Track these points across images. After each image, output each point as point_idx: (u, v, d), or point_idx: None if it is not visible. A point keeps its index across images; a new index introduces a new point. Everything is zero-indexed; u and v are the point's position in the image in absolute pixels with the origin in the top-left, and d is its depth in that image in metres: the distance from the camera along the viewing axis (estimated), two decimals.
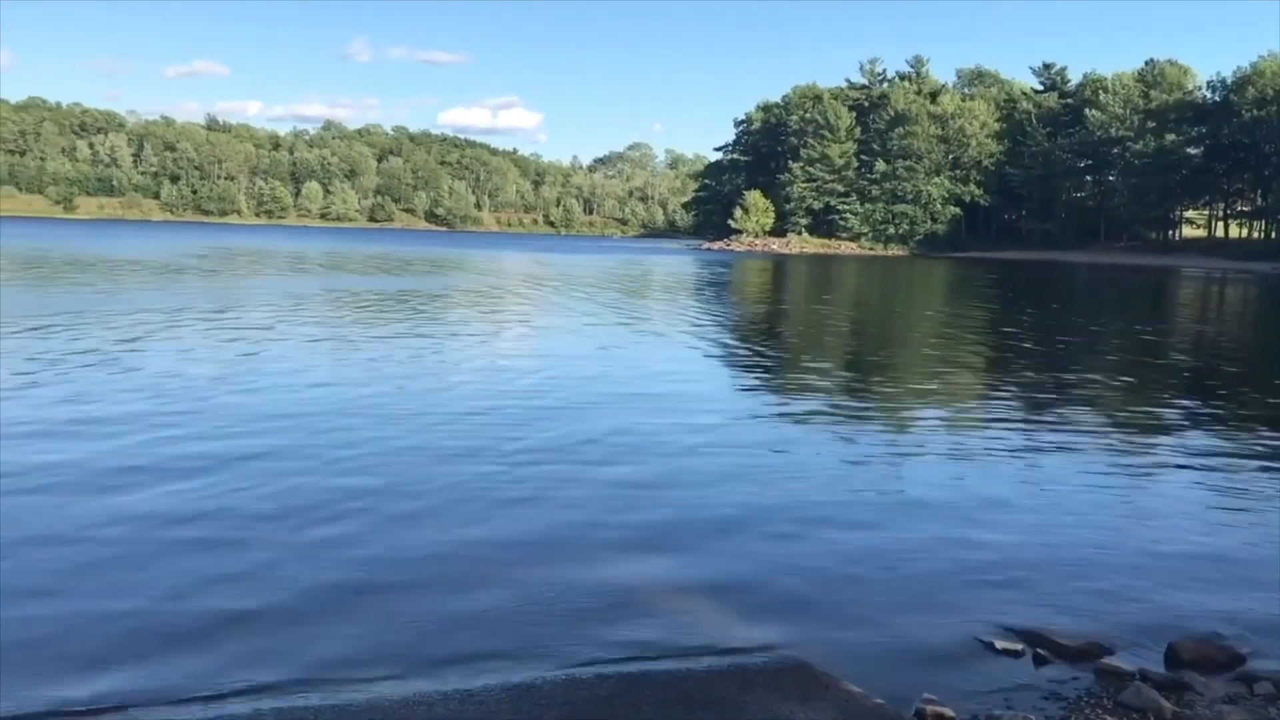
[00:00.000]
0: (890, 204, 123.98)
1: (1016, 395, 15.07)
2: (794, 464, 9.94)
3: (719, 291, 41.75)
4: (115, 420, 10.74)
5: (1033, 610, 6.21)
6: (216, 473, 8.71)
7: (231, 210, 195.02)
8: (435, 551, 6.93)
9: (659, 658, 5.40)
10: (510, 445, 10.15)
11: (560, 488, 8.64)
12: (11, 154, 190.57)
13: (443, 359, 16.81)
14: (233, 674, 5.08)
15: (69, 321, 19.93)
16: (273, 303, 26.77)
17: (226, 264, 48.03)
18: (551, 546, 7.10)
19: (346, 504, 7.95)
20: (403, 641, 5.51)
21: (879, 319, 32.24)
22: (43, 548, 6.76)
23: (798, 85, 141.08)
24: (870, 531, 7.75)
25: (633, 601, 6.16)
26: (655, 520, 7.85)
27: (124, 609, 5.82)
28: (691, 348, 19.97)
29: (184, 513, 7.59)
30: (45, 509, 7.60)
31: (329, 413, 11.60)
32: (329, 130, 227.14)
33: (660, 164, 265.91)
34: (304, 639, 5.52)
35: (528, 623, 5.79)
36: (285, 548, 6.91)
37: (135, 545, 6.88)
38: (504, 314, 26.33)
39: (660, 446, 10.34)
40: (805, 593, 6.43)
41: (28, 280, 32.91)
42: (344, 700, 4.84)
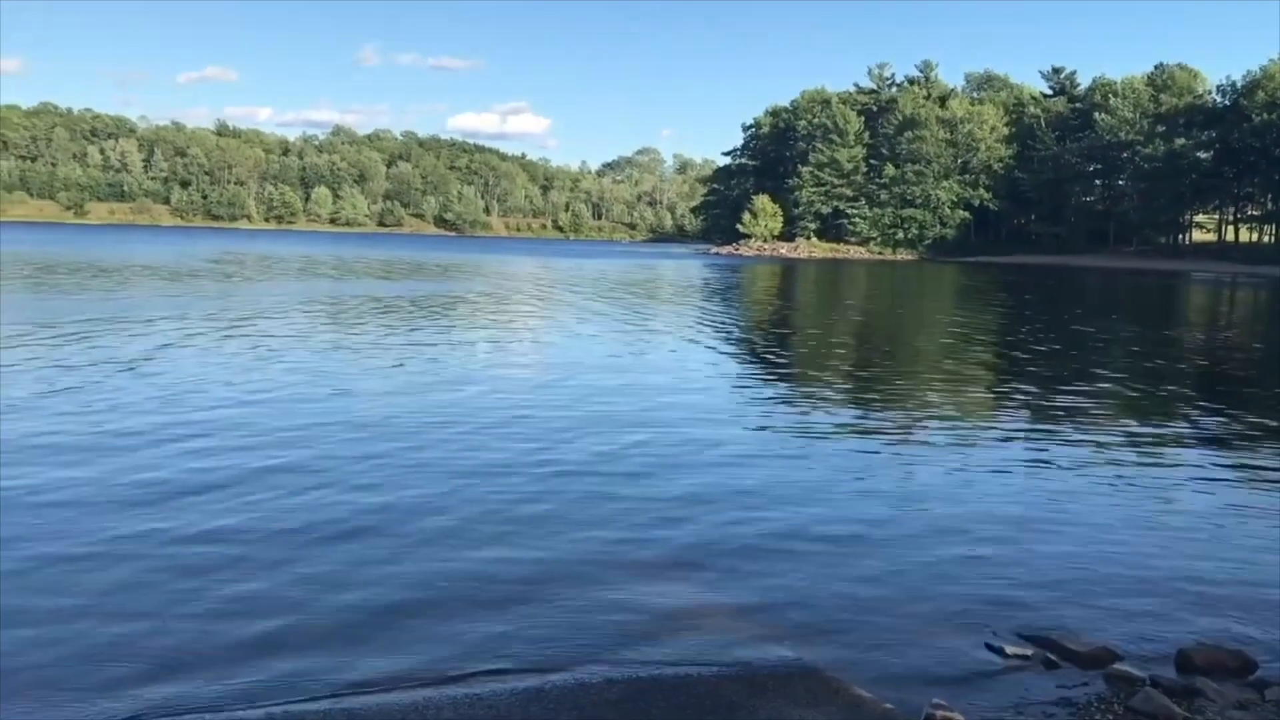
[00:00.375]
0: (899, 208, 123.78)
1: (1027, 403, 15.05)
2: (804, 473, 9.95)
3: (729, 297, 41.72)
4: (138, 433, 10.81)
5: (1042, 616, 6.21)
6: (235, 487, 8.75)
7: (241, 215, 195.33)
8: (447, 563, 6.94)
9: (669, 665, 5.41)
10: (527, 458, 10.17)
11: (573, 500, 8.67)
12: (23, 159, 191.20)
13: (460, 369, 16.83)
14: (242, 680, 5.11)
15: (93, 329, 20.03)
16: (289, 309, 26.84)
17: (240, 270, 48.13)
18: (560, 559, 7.10)
19: (363, 517, 7.99)
20: (413, 649, 5.54)
21: (889, 325, 32.19)
22: (62, 563, 6.81)
23: (806, 90, 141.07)
24: (880, 540, 7.76)
25: (643, 610, 6.18)
26: (665, 532, 7.86)
27: (141, 621, 5.87)
28: (703, 356, 19.96)
29: (202, 527, 7.64)
30: (67, 524, 7.66)
31: (346, 425, 11.62)
32: (339, 135, 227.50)
33: (669, 169, 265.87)
34: (314, 646, 5.55)
35: (539, 632, 5.81)
36: (301, 560, 6.94)
37: (154, 560, 6.92)
38: (516, 322, 26.31)
39: (672, 460, 10.33)
40: (815, 600, 6.43)
41: (47, 286, 33.05)
42: (353, 705, 4.87)
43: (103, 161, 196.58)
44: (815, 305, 40.51)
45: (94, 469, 9.08)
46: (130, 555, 6.84)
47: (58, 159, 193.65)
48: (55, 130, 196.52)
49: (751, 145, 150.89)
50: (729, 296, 41.81)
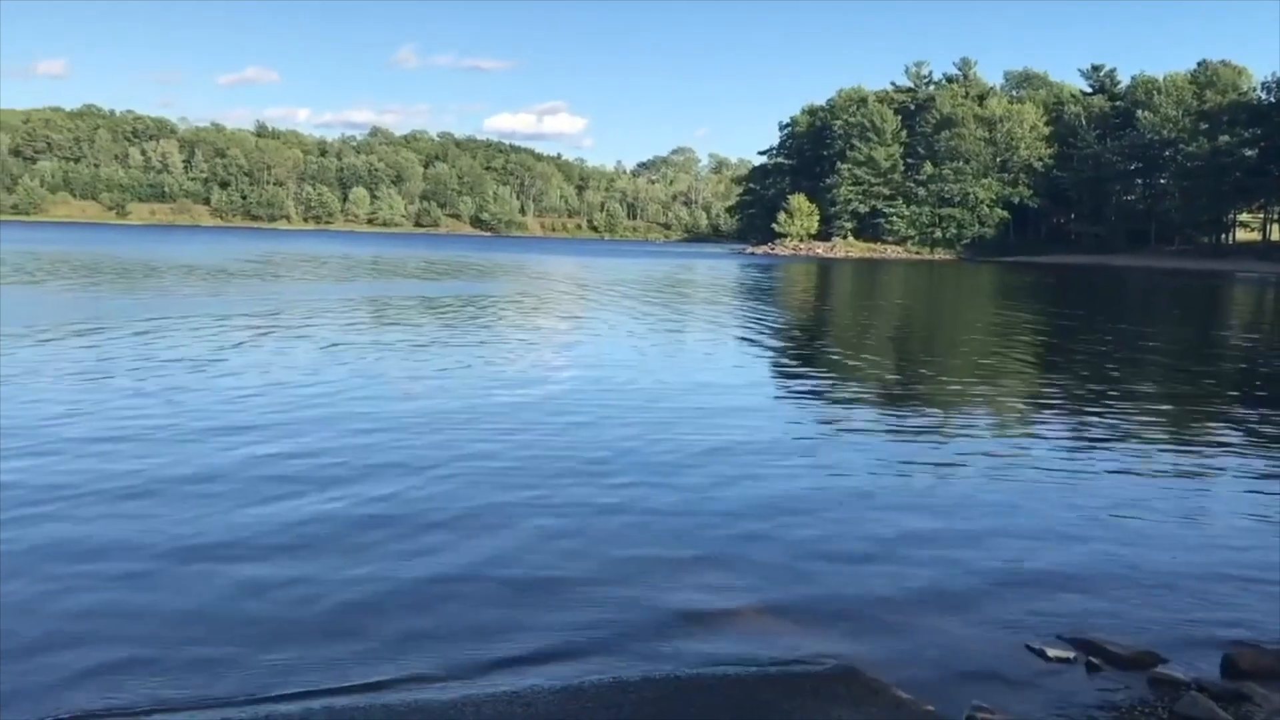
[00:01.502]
0: (937, 207, 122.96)
1: (1066, 405, 14.89)
2: (843, 473, 9.90)
3: (766, 297, 41.62)
4: (207, 432, 10.96)
5: (1084, 619, 6.14)
6: (286, 485, 8.87)
7: (280, 216, 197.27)
8: (486, 561, 6.96)
9: (708, 664, 5.40)
10: (564, 457, 10.22)
11: (612, 499, 8.67)
12: (67, 160, 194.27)
13: (500, 369, 16.90)
14: (282, 676, 5.15)
15: (161, 327, 20.38)
16: (343, 309, 27.12)
17: (288, 270, 48.57)
18: (598, 557, 7.10)
19: (399, 513, 8.04)
20: (452, 646, 5.56)
21: (928, 326, 31.98)
22: (97, 559, 6.90)
23: (843, 89, 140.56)
24: (919, 541, 7.69)
25: (681, 609, 6.17)
26: (704, 531, 7.84)
27: (183, 610, 5.95)
28: (740, 356, 19.94)
29: (249, 521, 7.73)
30: (119, 514, 7.76)
31: (413, 424, 11.72)
32: (376, 136, 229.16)
33: (704, 168, 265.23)
34: (353, 642, 5.57)
35: (578, 630, 5.81)
36: (339, 554, 7.00)
37: (192, 551, 7.01)
38: (554, 322, 26.36)
39: (709, 460, 10.28)
40: (854, 601, 6.39)
41: (104, 286, 33.57)
42: (392, 700, 4.89)
43: (144, 162, 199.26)
44: (853, 305, 40.30)
45: (184, 462, 9.21)
46: (168, 549, 6.94)
47: (100, 160, 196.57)
48: (98, 132, 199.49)
49: (787, 144, 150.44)
50: (766, 296, 41.71)
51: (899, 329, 29.28)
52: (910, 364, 20.28)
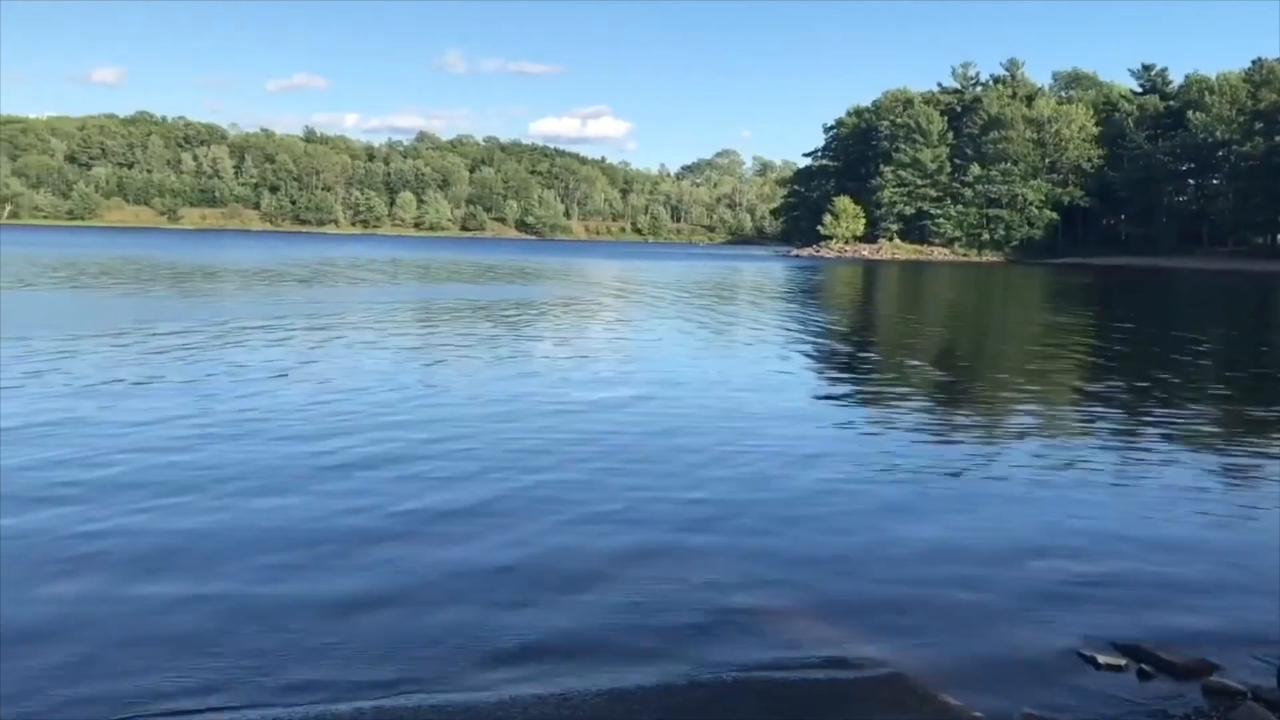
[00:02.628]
0: (984, 208, 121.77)
1: (1117, 409, 14.71)
2: (887, 476, 9.85)
3: (811, 299, 41.45)
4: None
5: (1135, 626, 6.05)
6: (363, 470, 9.02)
7: (328, 220, 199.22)
8: (533, 563, 7.00)
9: (755, 668, 5.39)
10: (616, 460, 10.27)
11: (660, 501, 8.69)
12: (120, 166, 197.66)
13: (553, 371, 17.05)
14: (332, 674, 5.21)
15: (229, 333, 20.72)
16: (392, 314, 27.42)
17: (340, 274, 49.10)
18: (644, 558, 7.12)
19: (451, 513, 8.12)
20: (499, 646, 5.59)
21: (975, 329, 31.67)
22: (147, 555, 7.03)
23: (888, 90, 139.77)
24: (968, 546, 7.64)
25: (728, 613, 6.16)
26: (750, 534, 7.84)
27: (221, 600, 6.04)
28: (786, 359, 19.86)
29: (296, 515, 7.84)
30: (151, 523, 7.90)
31: (461, 433, 11.80)
32: (423, 141, 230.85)
33: (749, 170, 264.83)
34: (401, 641, 5.63)
35: (623, 631, 5.83)
36: (389, 551, 7.09)
37: (234, 543, 7.12)
38: (608, 327, 26.34)
39: (755, 462, 10.27)
40: (902, 606, 6.36)
41: (167, 290, 34.18)
42: (441, 701, 4.93)
43: (195, 168, 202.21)
44: (900, 308, 40.03)
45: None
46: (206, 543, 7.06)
47: (153, 166, 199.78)
48: (151, 138, 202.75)
49: (832, 146, 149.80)
50: (813, 299, 41.53)
51: (946, 332, 29.03)
52: (958, 367, 20.12)
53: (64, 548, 6.98)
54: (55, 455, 9.50)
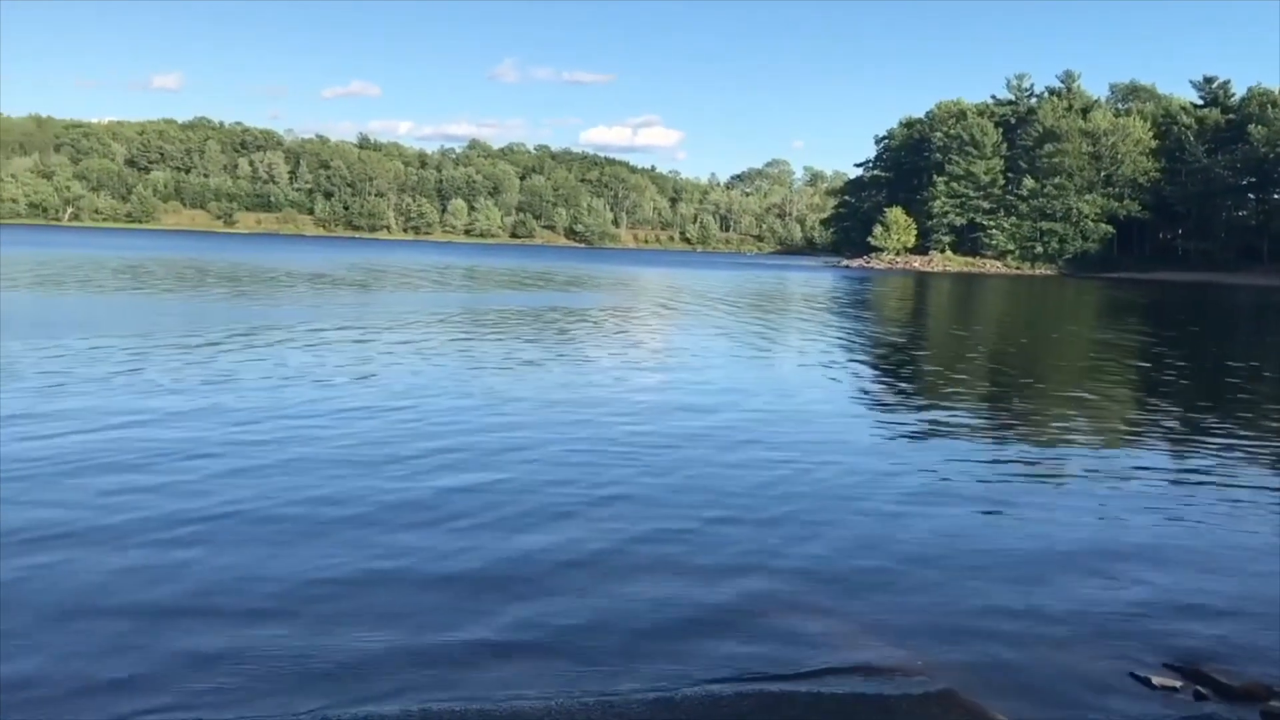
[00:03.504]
0: (1038, 221, 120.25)
1: (1169, 429, 14.49)
2: (938, 491, 9.79)
3: (861, 310, 41.19)
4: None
5: (1189, 647, 5.97)
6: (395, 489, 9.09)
7: (381, 226, 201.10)
8: (578, 569, 7.05)
9: (802, 679, 5.38)
10: (661, 473, 10.29)
11: (710, 515, 8.69)
12: (178, 170, 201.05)
13: (599, 382, 17.09)
14: (378, 676, 5.28)
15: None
16: (448, 320, 27.71)
17: (398, 279, 49.67)
18: (691, 571, 7.13)
19: (498, 517, 8.22)
20: (545, 650, 5.64)
21: (1028, 343, 31.28)
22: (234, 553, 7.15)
23: (942, 101, 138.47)
24: (1017, 563, 7.58)
25: (775, 625, 6.17)
26: (796, 548, 7.84)
27: (266, 601, 6.14)
28: (836, 371, 19.79)
29: (360, 526, 7.96)
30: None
31: (503, 448, 11.91)
32: (474, 149, 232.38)
33: (799, 180, 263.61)
34: (446, 643, 5.70)
35: (671, 641, 5.84)
36: (434, 557, 7.18)
37: (289, 543, 7.22)
38: (662, 336, 26.35)
39: (804, 477, 10.26)
40: (951, 622, 6.32)
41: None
42: (488, 706, 4.98)
43: (251, 173, 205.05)
44: (952, 320, 39.66)
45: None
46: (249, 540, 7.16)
47: (210, 170, 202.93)
48: (208, 143, 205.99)
49: (884, 157, 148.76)
50: (864, 310, 41.27)
51: (998, 346, 28.73)
52: (1009, 382, 19.89)
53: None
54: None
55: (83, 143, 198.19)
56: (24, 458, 9.41)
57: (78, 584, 6.36)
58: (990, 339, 30.82)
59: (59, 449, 9.84)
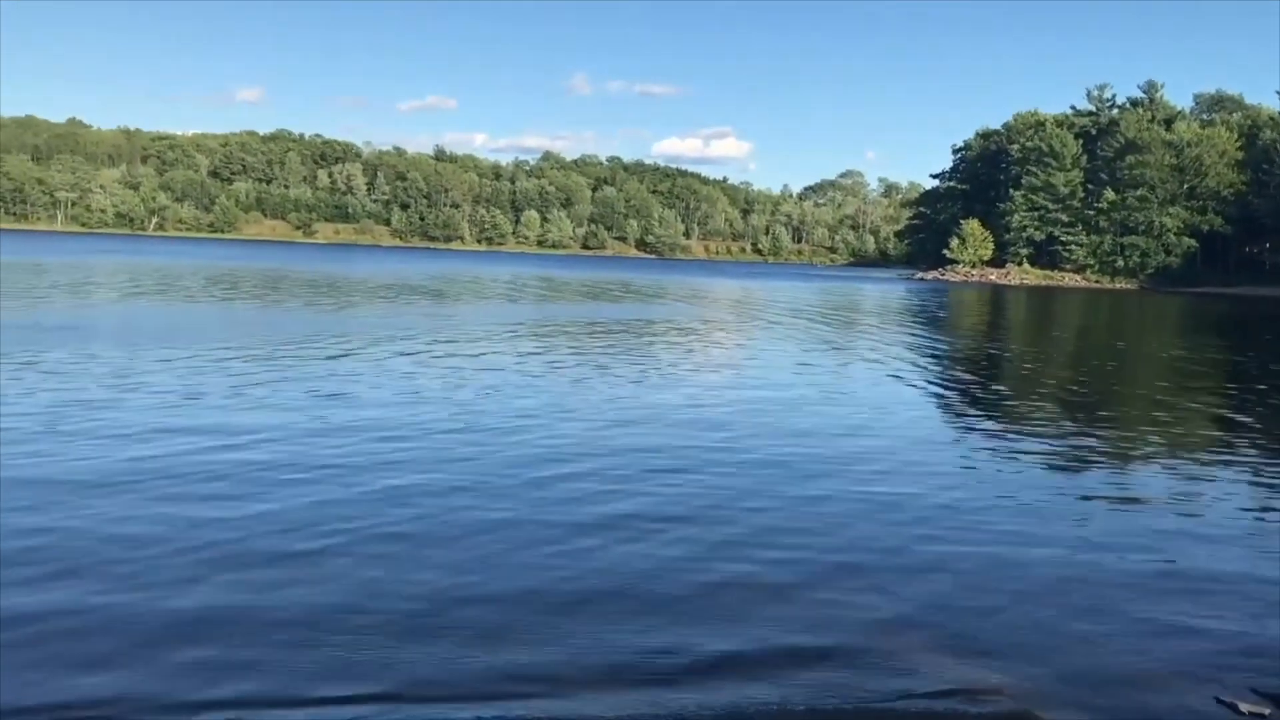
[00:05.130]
0: (1119, 235, 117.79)
1: (1255, 447, 14.13)
2: (1013, 508, 9.67)
3: (939, 324, 40.74)
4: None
5: (1274, 672, 5.83)
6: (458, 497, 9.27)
7: (455, 237, 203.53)
8: (649, 582, 7.08)
9: (875, 698, 5.35)
10: (737, 484, 10.32)
11: (783, 527, 8.69)
12: (259, 182, 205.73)
13: (688, 389, 17.26)
14: (455, 678, 5.38)
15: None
16: (531, 330, 28.01)
17: (480, 289, 50.35)
18: (765, 584, 7.12)
19: (568, 527, 8.31)
20: (616, 663, 5.67)
21: (1107, 359, 30.69)
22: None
23: (1019, 112, 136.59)
24: (1098, 584, 7.44)
25: (848, 640, 6.14)
26: (873, 558, 7.81)
27: (337, 607, 6.28)
28: (910, 384, 19.63)
29: (423, 538, 8.11)
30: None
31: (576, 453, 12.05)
32: (548, 160, 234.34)
33: (873, 192, 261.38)
34: (518, 654, 5.76)
35: (743, 652, 5.84)
36: (504, 567, 7.26)
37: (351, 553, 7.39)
38: (739, 349, 26.37)
39: (879, 490, 10.21)
40: (1031, 642, 6.23)
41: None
42: (558, 713, 5.03)
43: (330, 184, 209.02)
44: (1032, 335, 39.04)
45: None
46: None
47: (290, 181, 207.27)
48: (288, 155, 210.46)
49: (960, 168, 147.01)
50: (942, 324, 40.81)
51: (1078, 361, 28.25)
52: (1088, 398, 19.52)
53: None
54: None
55: (168, 154, 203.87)
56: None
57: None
58: (1070, 353, 30.27)
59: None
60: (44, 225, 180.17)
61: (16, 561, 6.84)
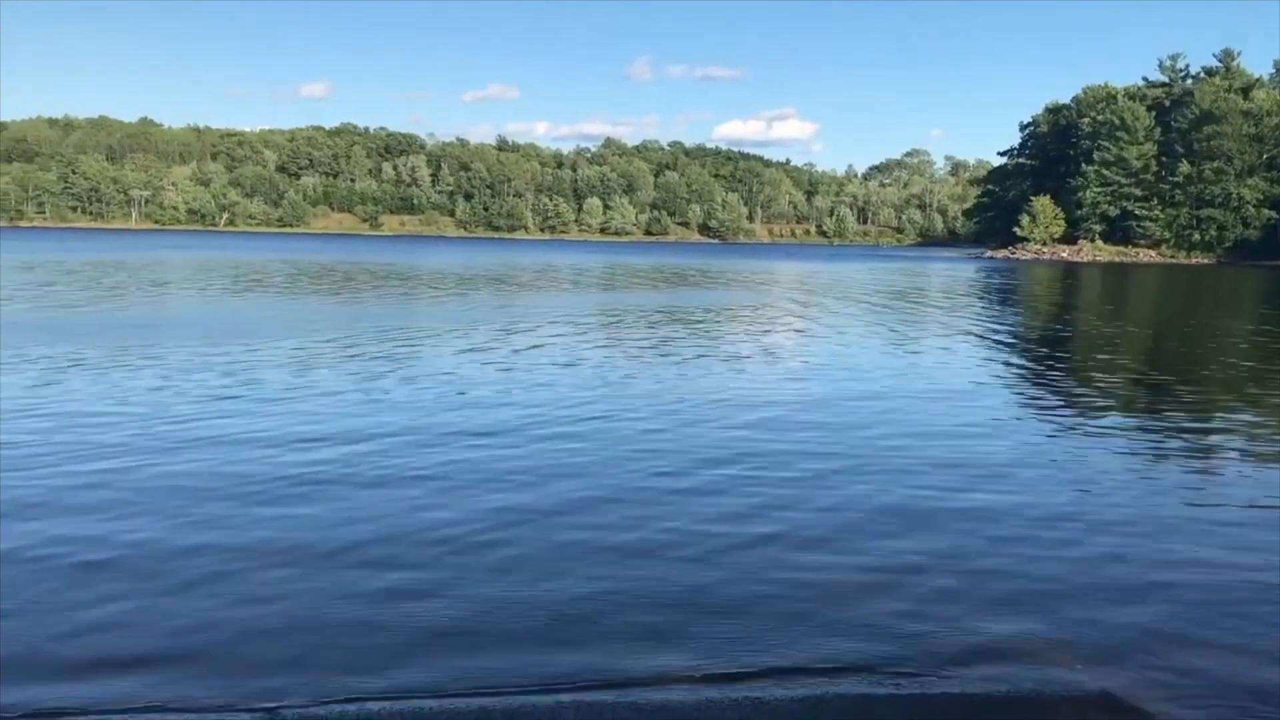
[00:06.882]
0: (1195, 208, 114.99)
1: None
2: (1095, 493, 9.49)
3: (1014, 305, 40.10)
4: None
5: None
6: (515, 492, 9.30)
7: (518, 226, 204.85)
8: (733, 570, 7.03)
9: (955, 675, 5.29)
10: (820, 468, 10.26)
11: (869, 514, 8.60)
12: (326, 176, 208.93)
13: (760, 374, 17.13)
14: (532, 670, 5.37)
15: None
16: (601, 318, 28.11)
17: (549, 278, 50.64)
18: (855, 571, 7.04)
19: (647, 516, 8.29)
20: (696, 648, 5.64)
21: (1192, 337, 29.95)
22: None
23: (1089, 86, 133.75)
24: (1183, 565, 7.28)
25: (929, 619, 6.06)
26: (958, 542, 7.70)
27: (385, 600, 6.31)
28: (987, 367, 19.33)
29: (495, 522, 8.13)
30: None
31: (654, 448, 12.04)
32: (609, 147, 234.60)
33: (940, 170, 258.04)
34: (598, 639, 5.76)
35: (826, 640, 5.79)
36: (591, 554, 7.26)
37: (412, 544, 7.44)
38: (798, 330, 26.08)
39: (963, 476, 9.99)
40: (1118, 622, 6.09)
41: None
42: (640, 699, 5.02)
43: (395, 177, 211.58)
44: (1112, 313, 38.22)
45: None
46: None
47: (356, 175, 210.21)
48: (354, 148, 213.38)
49: (1029, 145, 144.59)
50: (1016, 304, 40.16)
51: (1160, 340, 27.62)
52: (1169, 380, 19.06)
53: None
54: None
55: (237, 151, 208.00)
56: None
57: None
58: (1149, 331, 29.60)
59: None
60: (119, 223, 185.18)
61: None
